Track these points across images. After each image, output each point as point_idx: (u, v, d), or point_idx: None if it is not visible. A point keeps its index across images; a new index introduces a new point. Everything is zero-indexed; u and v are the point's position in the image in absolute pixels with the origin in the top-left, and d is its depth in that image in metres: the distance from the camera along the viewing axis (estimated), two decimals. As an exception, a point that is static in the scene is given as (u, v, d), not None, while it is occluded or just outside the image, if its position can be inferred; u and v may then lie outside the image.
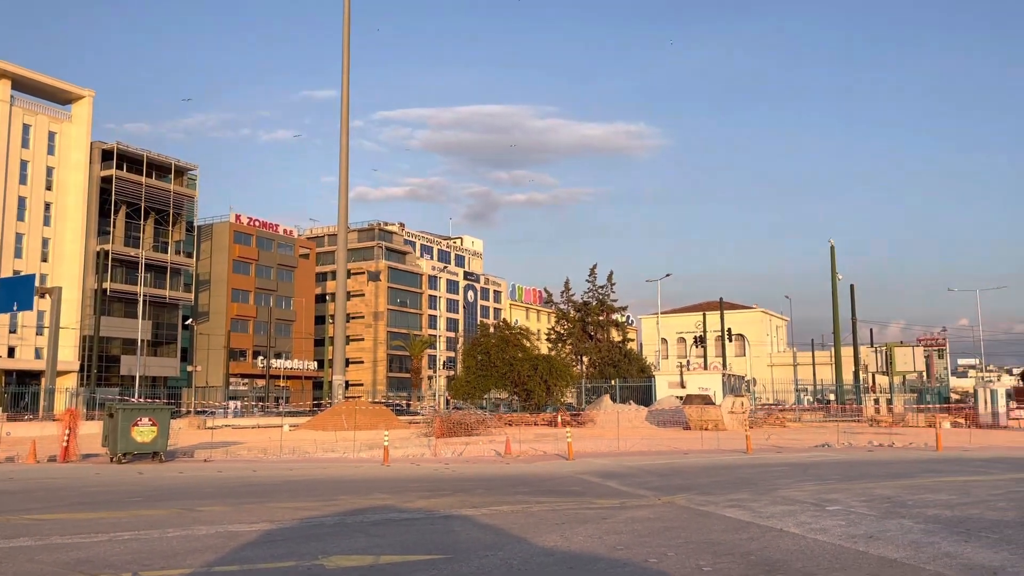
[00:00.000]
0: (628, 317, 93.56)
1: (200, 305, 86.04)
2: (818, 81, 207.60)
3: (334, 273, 77.31)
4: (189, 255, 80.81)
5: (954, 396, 62.31)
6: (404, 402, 69.61)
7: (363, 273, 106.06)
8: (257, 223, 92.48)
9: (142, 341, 66.91)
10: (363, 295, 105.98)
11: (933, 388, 55.80)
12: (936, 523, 9.50)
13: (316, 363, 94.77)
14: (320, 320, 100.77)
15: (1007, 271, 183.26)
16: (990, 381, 60.04)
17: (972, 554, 7.70)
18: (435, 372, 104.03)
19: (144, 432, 19.77)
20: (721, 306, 74.52)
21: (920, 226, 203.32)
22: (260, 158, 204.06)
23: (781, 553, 7.85)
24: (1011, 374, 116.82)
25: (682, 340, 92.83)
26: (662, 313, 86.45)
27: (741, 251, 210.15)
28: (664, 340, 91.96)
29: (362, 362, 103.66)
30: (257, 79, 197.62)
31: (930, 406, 44.57)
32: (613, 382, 52.25)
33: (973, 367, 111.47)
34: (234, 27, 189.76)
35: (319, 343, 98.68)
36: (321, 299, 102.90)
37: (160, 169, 77.12)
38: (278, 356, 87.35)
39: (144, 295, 69.29)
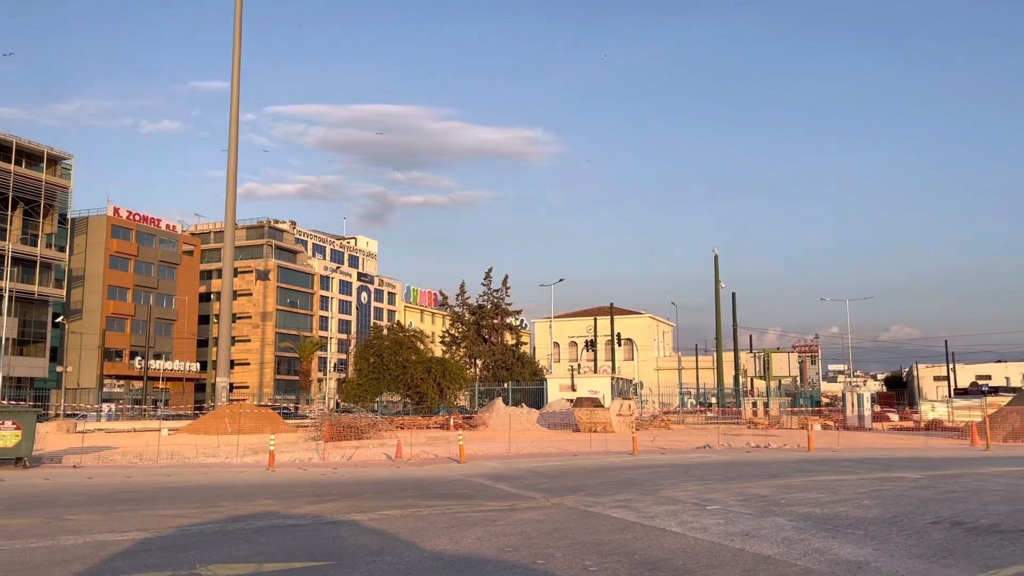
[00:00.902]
0: (522, 321, 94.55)
1: (73, 302, 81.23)
2: (709, 90, 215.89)
3: (220, 271, 74.58)
4: (62, 249, 76.08)
5: (825, 400, 66.00)
6: (292, 405, 67.89)
7: (251, 272, 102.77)
8: (137, 217, 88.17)
9: (7, 339, 62.58)
10: (251, 295, 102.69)
11: (806, 392, 58.89)
12: (807, 521, 10.00)
13: (199, 364, 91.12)
14: (204, 320, 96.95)
15: (874, 283, 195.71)
16: (857, 386, 63.95)
17: (839, 549, 8.14)
18: (326, 375, 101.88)
19: (6, 436, 18.47)
20: (611, 311, 76.30)
21: (796, 237, 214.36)
22: (143, 150, 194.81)
23: (664, 552, 8.09)
24: (876, 379, 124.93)
25: (574, 344, 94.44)
26: (555, 317, 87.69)
27: (631, 257, 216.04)
28: (556, 344, 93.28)
29: (248, 364, 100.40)
30: (141, 66, 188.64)
31: (803, 409, 47.04)
32: (506, 385, 52.63)
33: (842, 372, 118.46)
34: (118, 9, 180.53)
35: (203, 344, 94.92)
36: (206, 298, 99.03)
37: (31, 157, 72.27)
38: (158, 357, 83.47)
39: (10, 290, 64.80)
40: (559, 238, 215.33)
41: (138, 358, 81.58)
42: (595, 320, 79.32)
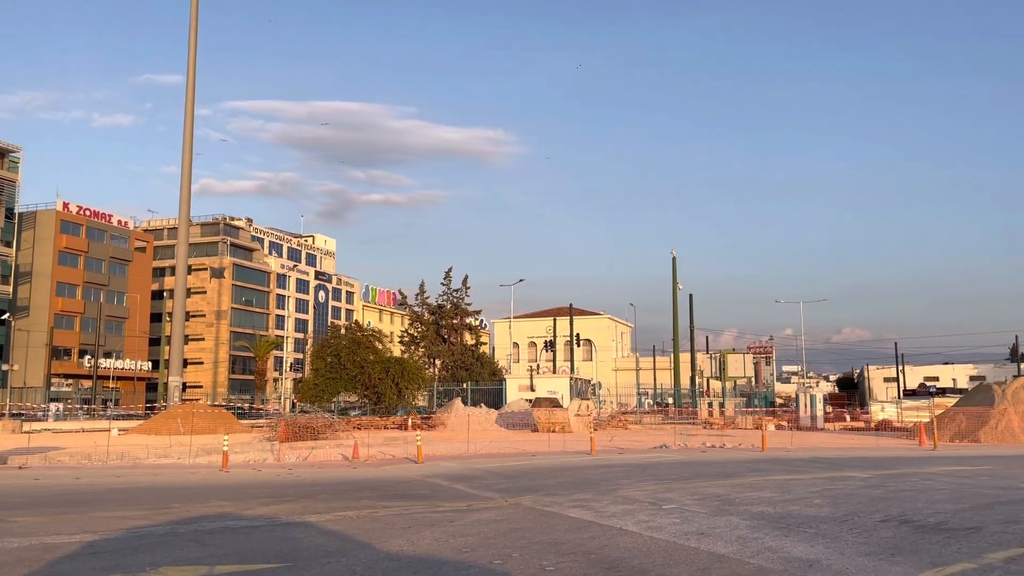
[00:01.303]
0: (482, 321, 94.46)
1: (20, 299, 79.06)
2: (668, 94, 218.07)
3: (173, 268, 73.20)
4: (8, 244, 74.17)
5: (779, 400, 67.10)
6: (247, 405, 66.90)
7: (206, 269, 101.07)
8: (88, 212, 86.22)
9: (-51, 337, 60.67)
10: (205, 292, 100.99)
11: (760, 393, 59.76)
12: (761, 519, 10.15)
13: (151, 363, 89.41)
14: (157, 318, 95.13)
15: (827, 286, 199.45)
16: (810, 387, 65.13)
17: (791, 548, 8.28)
18: (282, 374, 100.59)
19: (-53, 437, 17.90)
20: (571, 312, 76.64)
21: (752, 240, 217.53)
22: (94, 143, 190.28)
23: (620, 551, 8.14)
24: (828, 380, 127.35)
25: (533, 344, 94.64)
26: (515, 318, 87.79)
27: (591, 258, 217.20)
28: (516, 344, 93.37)
29: (202, 363, 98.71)
30: (94, 57, 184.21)
31: (757, 409, 47.77)
32: (465, 385, 52.53)
33: (796, 373, 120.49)
34: None
35: (155, 342, 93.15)
36: (158, 295, 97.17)
37: (-24, 148, 70.33)
38: (108, 355, 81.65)
39: (-47, 286, 62.85)
40: (519, 239, 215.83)
41: (87, 356, 79.73)
42: (554, 321, 79.62)
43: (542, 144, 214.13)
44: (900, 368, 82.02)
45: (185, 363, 61.38)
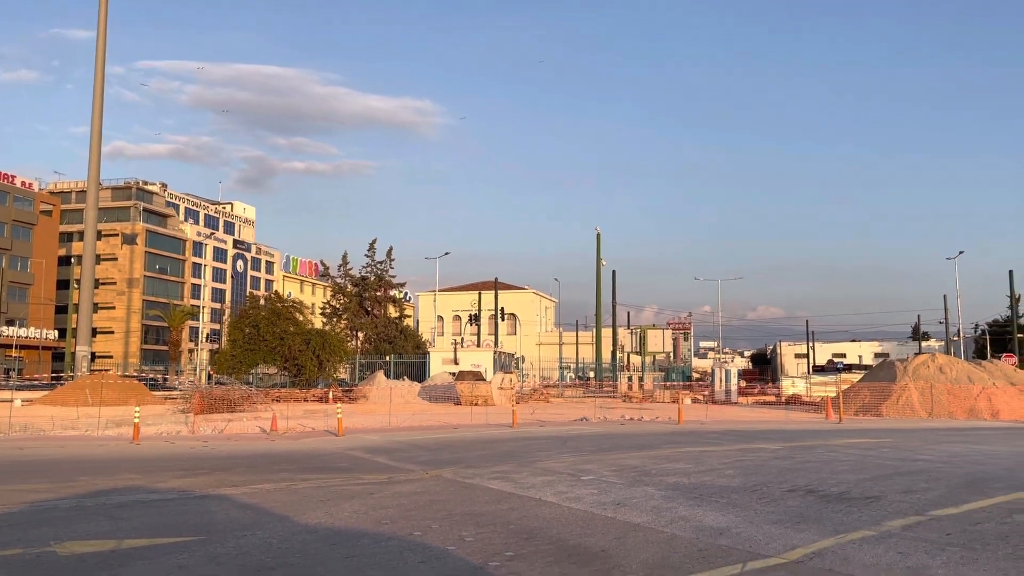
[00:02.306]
0: (406, 294, 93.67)
1: (-88, 262, 74.49)
2: (598, 70, 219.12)
3: (82, 233, 70.07)
4: (-101, 203, 69.58)
5: (695, 375, 69.00)
6: (161, 376, 64.91)
7: (117, 235, 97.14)
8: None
9: None
10: (116, 259, 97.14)
11: (678, 367, 61.32)
12: (675, 490, 10.43)
13: (57, 332, 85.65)
14: (64, 285, 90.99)
15: (744, 265, 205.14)
16: (725, 362, 67.10)
17: (704, 517, 8.54)
18: (197, 345, 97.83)
19: None
20: (496, 286, 76.79)
21: (674, 219, 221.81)
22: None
23: (539, 522, 8.25)
24: (743, 356, 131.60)
25: (458, 318, 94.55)
26: (440, 291, 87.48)
27: (517, 233, 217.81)
28: (440, 317, 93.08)
29: (113, 332, 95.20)
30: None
31: (675, 384, 48.96)
32: (388, 358, 52.19)
33: (712, 349, 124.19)
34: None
35: (62, 310, 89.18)
36: (66, 261, 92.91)
37: None
38: (11, 323, 77.91)
39: None
40: (446, 211, 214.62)
41: (-12, 324, 75.94)
42: (479, 294, 79.65)
43: (471, 117, 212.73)
44: (810, 345, 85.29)
45: (94, 332, 59.11)
